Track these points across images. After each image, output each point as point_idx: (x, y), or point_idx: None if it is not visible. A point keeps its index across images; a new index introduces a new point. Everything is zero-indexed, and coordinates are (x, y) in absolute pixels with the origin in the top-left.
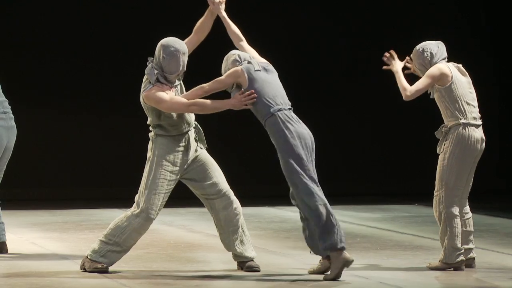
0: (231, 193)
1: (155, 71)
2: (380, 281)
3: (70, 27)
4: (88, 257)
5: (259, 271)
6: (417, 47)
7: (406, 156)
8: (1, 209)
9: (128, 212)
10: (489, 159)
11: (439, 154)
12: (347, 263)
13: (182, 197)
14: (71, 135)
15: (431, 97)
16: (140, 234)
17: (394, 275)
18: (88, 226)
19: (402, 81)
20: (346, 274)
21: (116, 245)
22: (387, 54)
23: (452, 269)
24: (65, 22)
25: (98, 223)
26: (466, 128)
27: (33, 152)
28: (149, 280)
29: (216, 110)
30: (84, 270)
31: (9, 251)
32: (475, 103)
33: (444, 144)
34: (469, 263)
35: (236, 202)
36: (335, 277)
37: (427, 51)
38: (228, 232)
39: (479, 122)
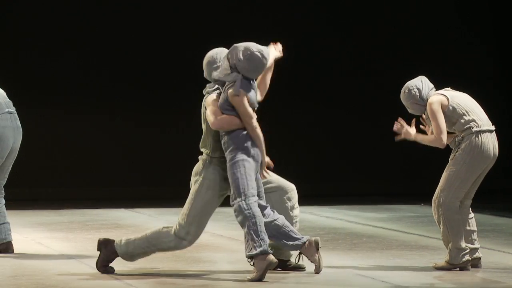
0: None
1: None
2: (385, 281)
3: (79, 27)
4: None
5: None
6: (402, 89)
7: (413, 156)
8: (6, 209)
9: (171, 230)
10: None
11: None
12: (271, 264)
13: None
14: (77, 135)
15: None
16: (170, 251)
17: (400, 275)
18: (94, 226)
19: (425, 138)
20: (351, 274)
21: (142, 250)
22: (397, 124)
23: (458, 269)
24: (74, 22)
25: (104, 223)
26: (479, 136)
27: (39, 152)
28: (156, 280)
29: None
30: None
31: (15, 251)
32: (481, 110)
33: (457, 151)
34: (475, 263)
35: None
36: (260, 278)
37: (413, 89)
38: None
39: (492, 127)
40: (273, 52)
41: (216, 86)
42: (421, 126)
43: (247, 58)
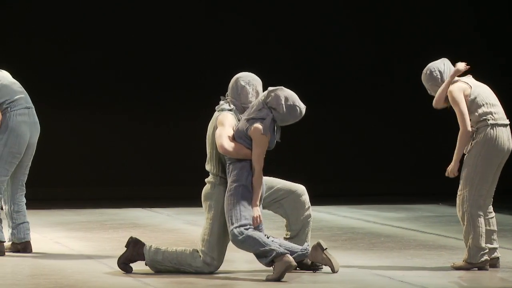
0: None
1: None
2: (403, 280)
3: (100, 25)
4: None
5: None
6: (424, 70)
7: (431, 155)
8: (25, 208)
9: (198, 255)
10: None
11: (465, 155)
12: (290, 267)
13: None
14: (96, 134)
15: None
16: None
17: (418, 275)
18: (112, 226)
19: (459, 148)
20: (369, 274)
21: (170, 265)
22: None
23: (476, 268)
24: (94, 20)
25: (122, 222)
26: (494, 128)
27: (57, 151)
28: (173, 280)
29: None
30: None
31: (33, 251)
32: (499, 104)
33: (471, 144)
34: (494, 263)
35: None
36: (278, 279)
37: (435, 71)
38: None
39: (507, 121)
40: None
41: (233, 106)
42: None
43: (288, 108)
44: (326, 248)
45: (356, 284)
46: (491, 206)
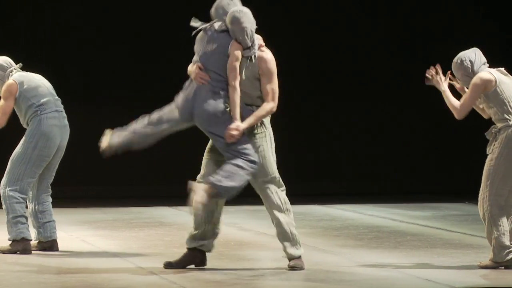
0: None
1: None
2: (430, 279)
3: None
4: None
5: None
6: (455, 59)
7: (457, 154)
8: (52, 207)
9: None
10: None
11: (488, 155)
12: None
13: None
14: None
15: (480, 106)
16: None
17: (444, 274)
18: (138, 224)
19: (451, 100)
20: (395, 272)
21: None
22: (431, 70)
23: (503, 267)
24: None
25: (148, 221)
26: None
27: (83, 150)
28: (199, 278)
29: None
30: None
31: (59, 249)
32: None
33: (494, 145)
34: None
35: None
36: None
37: (466, 60)
38: None
39: None
40: None
41: None
42: (451, 81)
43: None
44: None
45: (383, 282)
46: None
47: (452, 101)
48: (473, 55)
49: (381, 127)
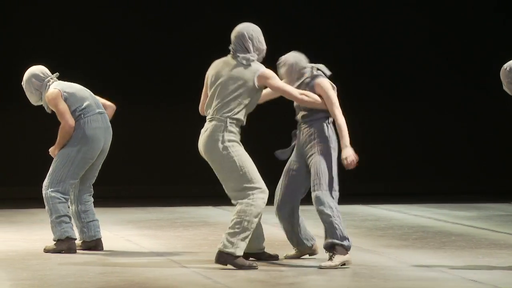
0: None
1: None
2: (475, 279)
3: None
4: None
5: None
6: (504, 66)
7: (502, 154)
8: (95, 207)
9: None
10: None
11: None
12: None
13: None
14: (164, 132)
15: None
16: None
17: (490, 274)
18: (182, 224)
19: None
20: (440, 273)
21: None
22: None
23: None
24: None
25: (192, 220)
26: None
27: (126, 150)
28: (243, 278)
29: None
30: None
31: (104, 248)
32: None
33: None
34: None
35: None
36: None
37: None
38: None
39: None
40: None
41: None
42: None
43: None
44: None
45: (428, 284)
46: None
47: None
48: None
49: (427, 128)
